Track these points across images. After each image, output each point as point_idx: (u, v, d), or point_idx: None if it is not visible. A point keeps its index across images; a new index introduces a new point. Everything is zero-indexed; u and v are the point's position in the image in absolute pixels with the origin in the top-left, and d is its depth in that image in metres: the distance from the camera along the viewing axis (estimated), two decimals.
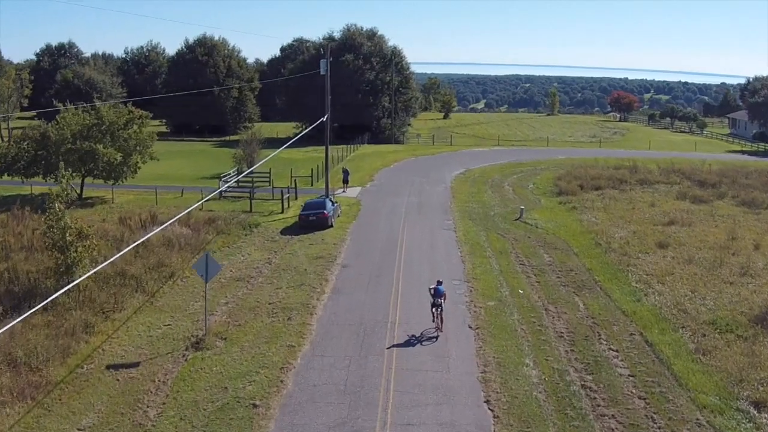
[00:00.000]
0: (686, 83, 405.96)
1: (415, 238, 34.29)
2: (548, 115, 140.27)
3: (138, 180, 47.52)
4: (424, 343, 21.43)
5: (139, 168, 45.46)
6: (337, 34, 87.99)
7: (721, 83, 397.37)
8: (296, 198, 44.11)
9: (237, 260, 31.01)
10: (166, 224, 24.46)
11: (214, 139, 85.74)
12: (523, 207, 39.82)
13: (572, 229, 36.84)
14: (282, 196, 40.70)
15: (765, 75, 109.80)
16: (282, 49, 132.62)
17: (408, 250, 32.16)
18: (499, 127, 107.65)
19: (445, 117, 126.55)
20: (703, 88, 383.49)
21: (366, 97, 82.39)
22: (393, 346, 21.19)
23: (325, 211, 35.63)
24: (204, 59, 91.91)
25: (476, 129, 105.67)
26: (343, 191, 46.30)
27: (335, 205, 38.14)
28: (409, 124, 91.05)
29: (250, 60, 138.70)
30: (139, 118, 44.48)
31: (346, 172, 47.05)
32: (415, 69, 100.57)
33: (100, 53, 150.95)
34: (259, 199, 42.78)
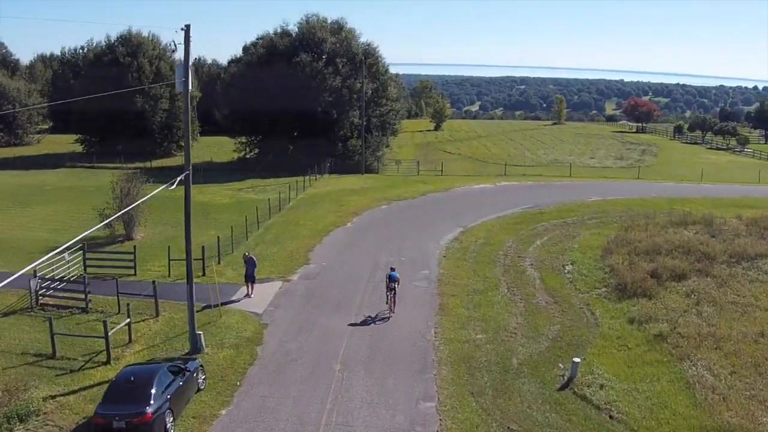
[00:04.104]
0: (684, 85, 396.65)
1: None
2: (555, 124, 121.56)
3: None
4: None
5: None
6: (293, 28, 68.22)
7: (720, 85, 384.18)
8: (156, 315, 24.52)
9: None
10: None
11: (136, 164, 65.43)
12: (577, 360, 19.99)
13: (684, 420, 17.40)
14: (105, 330, 20.75)
15: None
16: (245, 48, 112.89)
17: None
18: (502, 144, 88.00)
19: (437, 128, 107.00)
20: (702, 91, 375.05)
21: (329, 111, 62.11)
22: None
23: (147, 411, 15.67)
24: (127, 61, 71.76)
25: (474, 146, 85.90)
26: (248, 296, 26.50)
27: (188, 373, 18.01)
28: (387, 146, 70.05)
29: (208, 60, 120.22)
30: None
31: (250, 264, 26.29)
32: (406, 70, 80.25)
33: (48, 54, 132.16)
34: (88, 325, 23.00)
